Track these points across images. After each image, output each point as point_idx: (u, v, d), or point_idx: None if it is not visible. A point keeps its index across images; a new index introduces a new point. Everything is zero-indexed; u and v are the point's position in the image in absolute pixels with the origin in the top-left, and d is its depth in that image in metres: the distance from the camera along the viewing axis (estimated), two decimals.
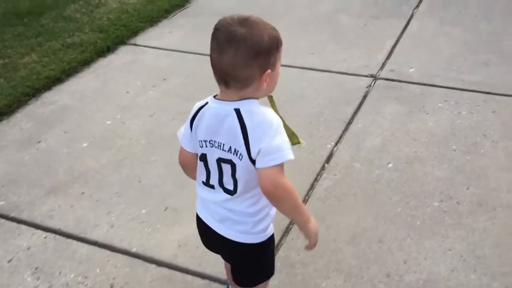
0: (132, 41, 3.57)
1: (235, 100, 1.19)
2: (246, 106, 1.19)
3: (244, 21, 1.15)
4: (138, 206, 2.14)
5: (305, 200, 2.09)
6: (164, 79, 3.08)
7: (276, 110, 1.27)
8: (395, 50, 3.24)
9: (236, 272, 1.44)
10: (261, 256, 1.38)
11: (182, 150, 1.38)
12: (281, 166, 1.19)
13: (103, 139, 2.57)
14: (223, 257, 1.49)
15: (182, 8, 4.05)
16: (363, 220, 2.00)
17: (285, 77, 3.11)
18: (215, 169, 1.28)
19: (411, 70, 3.00)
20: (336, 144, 2.43)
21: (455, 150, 2.32)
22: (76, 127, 2.68)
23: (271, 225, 1.36)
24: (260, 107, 1.22)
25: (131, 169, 2.35)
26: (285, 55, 3.66)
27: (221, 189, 1.29)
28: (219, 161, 1.26)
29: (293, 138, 1.31)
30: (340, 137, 2.47)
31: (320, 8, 3.92)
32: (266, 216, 1.32)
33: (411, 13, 3.70)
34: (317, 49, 3.35)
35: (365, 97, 2.78)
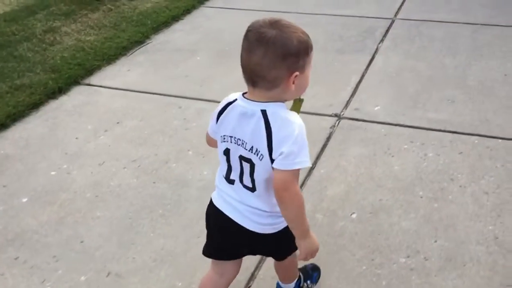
0: (87, 81, 3.39)
1: (263, 101, 1.24)
2: (272, 108, 1.24)
3: (275, 24, 1.19)
4: (78, 272, 1.92)
5: (263, 259, 1.91)
6: (118, 123, 2.89)
7: (299, 111, 1.31)
8: (360, 87, 3.15)
9: (273, 255, 1.53)
10: (280, 242, 1.42)
11: (209, 138, 1.46)
12: (296, 172, 1.24)
13: (45, 193, 2.35)
14: (228, 253, 1.48)
15: (142, 45, 3.90)
16: (326, 280, 1.83)
17: None
18: (237, 165, 1.32)
19: (376, 109, 2.89)
20: (304, 182, 2.28)
21: (421, 197, 2.19)
22: (16, 179, 2.46)
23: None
24: (286, 110, 1.26)
25: (73, 227, 2.14)
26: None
27: (240, 185, 1.34)
28: (241, 158, 1.30)
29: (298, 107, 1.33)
30: (302, 185, 2.31)
31: None
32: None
33: (375, 47, 3.64)
34: None
35: (328, 139, 2.65)
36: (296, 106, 1.33)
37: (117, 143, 2.71)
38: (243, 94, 1.30)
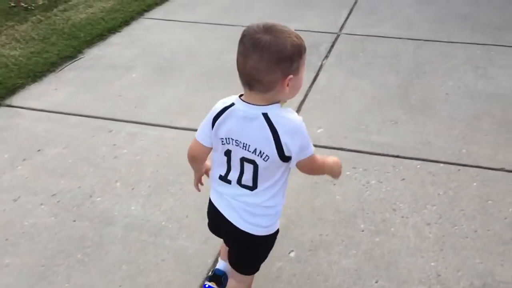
0: (8, 101, 3.09)
1: (262, 105, 1.29)
2: (273, 111, 1.29)
3: (270, 29, 1.24)
4: None
5: None
6: (39, 150, 2.62)
7: None
8: (303, 107, 3.02)
9: (236, 259, 1.55)
10: (264, 247, 1.51)
11: (195, 144, 1.46)
12: (311, 156, 1.37)
13: None
14: (225, 242, 1.60)
15: (73, 60, 3.62)
16: None
17: (181, 142, 2.82)
18: (237, 166, 1.38)
19: (319, 131, 2.78)
20: None
21: (363, 231, 2.08)
22: None
23: (278, 220, 1.48)
24: (284, 109, 1.32)
25: None
26: (185, 116, 3.35)
27: (238, 185, 1.40)
28: (242, 160, 1.35)
29: None
30: None
31: (225, 58, 3.66)
32: (278, 212, 1.45)
33: (320, 64, 3.54)
34: None
35: None
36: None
37: (36, 174, 2.44)
38: (240, 96, 1.35)
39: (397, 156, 2.55)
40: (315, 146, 1.48)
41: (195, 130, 2.98)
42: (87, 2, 4.66)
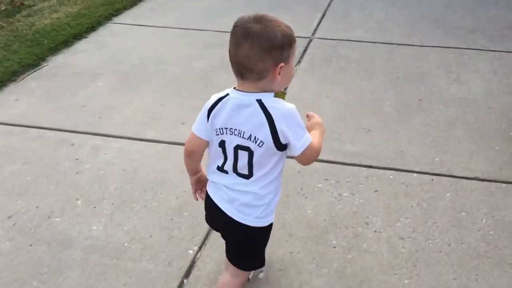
0: None
1: (256, 92, 1.32)
2: (267, 98, 1.32)
3: (260, 19, 1.28)
4: None
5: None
6: None
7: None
8: None
9: (233, 252, 1.57)
10: (259, 240, 1.53)
11: (193, 137, 1.47)
12: (309, 145, 1.37)
13: None
14: (223, 236, 1.59)
15: (36, 68, 3.47)
16: None
17: (148, 155, 2.71)
18: (232, 155, 1.40)
19: None
20: (200, 248, 2.00)
21: (335, 247, 2.01)
22: None
23: (273, 213, 1.50)
24: (277, 99, 1.35)
25: None
26: (153, 126, 3.22)
27: (234, 174, 1.42)
28: (237, 148, 1.38)
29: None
30: (205, 238, 2.05)
31: (195, 65, 3.56)
32: (272, 202, 1.47)
33: None
34: (189, 117, 2.90)
35: None
36: (280, 96, 1.39)
37: None
38: (234, 88, 1.37)
39: (370, 167, 2.49)
40: (287, 157, 1.44)
41: (163, 142, 2.88)
42: (52, 7, 4.49)
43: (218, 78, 3.38)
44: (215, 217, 1.51)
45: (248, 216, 1.44)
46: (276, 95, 1.37)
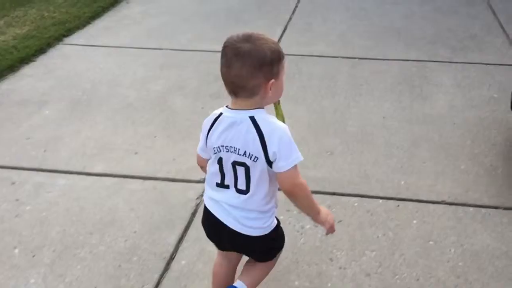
0: None
1: (248, 109, 1.37)
2: (259, 115, 1.37)
3: (249, 38, 1.33)
4: None
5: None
6: None
7: (282, 115, 1.50)
8: None
9: (253, 256, 1.63)
10: (272, 242, 1.57)
11: (199, 157, 1.56)
12: (296, 167, 1.39)
13: None
14: (231, 249, 1.61)
15: None
16: None
17: (95, 192, 2.45)
18: (230, 171, 1.44)
19: None
20: None
21: None
22: None
23: (274, 217, 1.55)
24: (270, 116, 1.40)
25: None
26: (102, 158, 2.98)
27: (233, 190, 1.45)
28: (234, 164, 1.42)
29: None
30: (157, 285, 1.88)
31: (151, 88, 3.38)
32: (273, 212, 1.52)
33: None
34: (143, 145, 2.77)
35: (193, 214, 2.24)
36: (278, 109, 1.50)
37: None
38: (227, 106, 1.42)
39: (334, 193, 2.36)
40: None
41: (113, 175, 2.68)
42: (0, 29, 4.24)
43: (174, 101, 3.21)
44: (219, 232, 1.53)
45: (251, 228, 1.47)
46: (276, 109, 1.49)
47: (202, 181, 2.46)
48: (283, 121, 1.47)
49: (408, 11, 4.79)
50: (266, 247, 1.58)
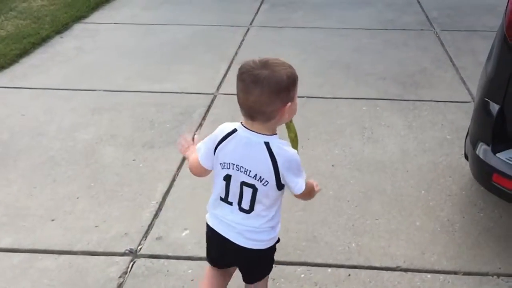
0: None
1: (264, 134, 1.42)
2: (274, 141, 1.43)
3: (266, 64, 1.37)
4: None
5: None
6: None
7: (295, 131, 1.55)
8: (168, 200, 2.49)
9: (250, 273, 1.66)
10: (271, 255, 1.63)
11: (198, 165, 1.54)
12: (303, 191, 1.50)
13: None
14: (232, 265, 1.69)
15: None
16: None
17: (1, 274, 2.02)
18: (237, 190, 1.48)
19: (183, 234, 2.25)
20: None
21: None
22: None
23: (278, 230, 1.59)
24: (284, 142, 1.46)
25: None
26: (11, 229, 2.53)
27: (237, 207, 1.50)
28: (242, 184, 1.47)
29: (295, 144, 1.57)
30: None
31: (78, 137, 3.03)
32: (276, 227, 1.57)
33: (191, 136, 3.04)
34: (62, 210, 2.41)
35: None
36: (291, 127, 1.54)
37: None
38: (241, 123, 1.45)
39: (277, 262, 2.07)
40: (178, 259, 1.44)
41: (22, 250, 2.27)
42: None
43: (103, 152, 2.87)
44: (222, 249, 1.56)
45: (256, 241, 1.51)
46: (289, 128, 1.53)
47: (127, 253, 2.14)
48: (296, 137, 1.55)
49: (357, 43, 4.66)
50: (266, 259, 1.63)
